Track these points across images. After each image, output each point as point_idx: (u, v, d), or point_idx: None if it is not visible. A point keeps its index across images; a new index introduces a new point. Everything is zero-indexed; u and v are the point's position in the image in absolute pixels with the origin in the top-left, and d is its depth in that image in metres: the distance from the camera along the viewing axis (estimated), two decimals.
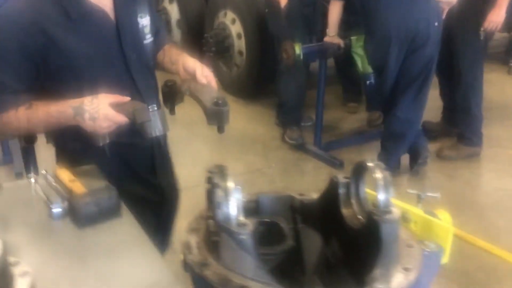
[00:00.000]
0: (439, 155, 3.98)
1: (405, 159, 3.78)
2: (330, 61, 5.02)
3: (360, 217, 1.16)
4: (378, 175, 1.10)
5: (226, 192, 1.00)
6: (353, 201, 1.21)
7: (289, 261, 1.22)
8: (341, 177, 1.25)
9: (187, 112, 1.77)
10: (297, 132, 4.23)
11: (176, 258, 1.11)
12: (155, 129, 1.41)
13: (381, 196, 1.09)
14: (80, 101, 1.38)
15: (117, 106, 1.37)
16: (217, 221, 1.00)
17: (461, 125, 3.98)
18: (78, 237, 1.19)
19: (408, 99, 3.45)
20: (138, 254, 1.13)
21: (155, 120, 1.40)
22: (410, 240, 1.14)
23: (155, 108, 1.44)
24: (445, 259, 1.21)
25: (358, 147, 4.24)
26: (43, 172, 1.46)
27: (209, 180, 1.05)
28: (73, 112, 1.37)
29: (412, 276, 1.01)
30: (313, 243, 1.31)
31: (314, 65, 4.45)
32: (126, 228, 1.20)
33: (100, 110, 1.35)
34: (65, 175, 1.41)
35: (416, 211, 1.26)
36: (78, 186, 1.34)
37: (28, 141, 2.13)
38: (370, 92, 4.38)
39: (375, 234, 1.04)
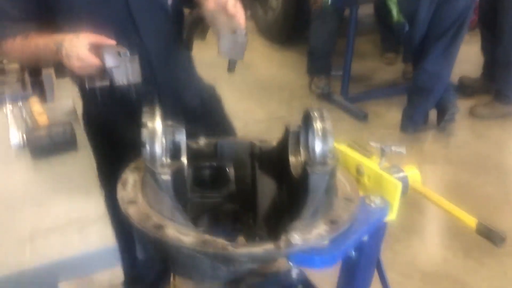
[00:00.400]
0: (472, 113, 3.78)
1: (433, 114, 3.62)
2: (370, 8, 4.81)
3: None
4: (318, 125, 1.06)
5: (152, 132, 1.00)
6: (302, 149, 1.17)
7: (235, 205, 1.22)
8: (294, 125, 1.21)
9: (213, 54, 1.66)
10: (325, 81, 4.12)
11: None
12: (123, 77, 1.29)
13: (317, 147, 1.05)
14: (62, 38, 1.35)
15: (95, 48, 1.31)
16: (143, 160, 1.00)
17: (499, 81, 3.74)
18: (31, 167, 1.23)
19: (438, 51, 3.26)
20: (79, 189, 1.16)
21: (124, 67, 1.29)
22: (352, 194, 1.10)
23: (127, 54, 1.30)
24: (391, 216, 1.16)
25: (388, 100, 4.09)
26: (19, 103, 1.50)
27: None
28: (55, 48, 1.35)
29: (337, 228, 0.99)
30: (268, 190, 1.30)
31: None
32: (78, 163, 1.23)
33: (75, 49, 1.30)
34: (36, 107, 1.45)
35: (370, 164, 1.21)
36: (43, 120, 1.37)
37: (32, 74, 2.21)
38: (406, 42, 4.17)
39: (305, 185, 1.01)
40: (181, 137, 1.15)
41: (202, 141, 1.32)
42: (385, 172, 1.21)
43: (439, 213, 2.80)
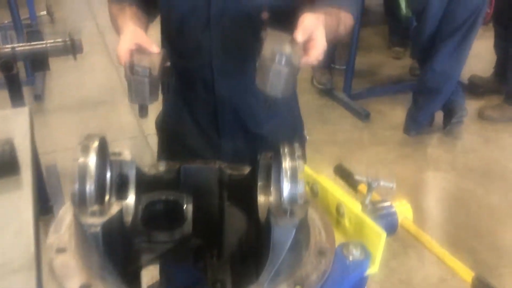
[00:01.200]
0: (481, 115, 3.58)
1: (439, 116, 3.42)
2: None
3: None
4: (287, 164, 0.89)
5: (82, 171, 0.83)
6: (272, 188, 1.00)
7: (198, 239, 1.05)
8: (266, 156, 1.03)
9: None
10: (327, 75, 3.92)
11: None
12: (134, 94, 1.10)
13: (285, 191, 0.87)
14: (126, 27, 1.22)
15: (136, 50, 1.14)
16: (71, 202, 0.83)
17: (511, 81, 3.52)
18: None
19: (447, 49, 3.05)
20: (9, 225, 0.99)
21: (137, 85, 1.09)
22: (326, 245, 0.93)
23: (146, 73, 1.09)
24: (373, 269, 0.99)
25: (392, 97, 3.89)
26: None
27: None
28: (119, 34, 1.23)
29: None
30: (235, 226, 1.13)
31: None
32: (15, 191, 1.07)
33: (121, 42, 1.15)
34: None
35: (352, 205, 1.04)
36: None
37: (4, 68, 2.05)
38: (414, 38, 3.94)
39: (267, 237, 0.84)
40: (130, 170, 0.98)
41: (162, 167, 1.15)
42: (368, 215, 1.04)
43: (439, 229, 2.63)
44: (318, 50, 1.03)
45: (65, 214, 0.96)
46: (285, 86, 1.01)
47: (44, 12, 5.27)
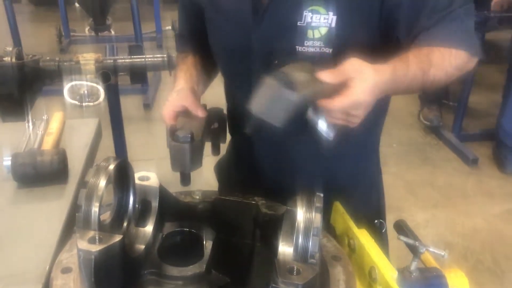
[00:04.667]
0: None
1: None
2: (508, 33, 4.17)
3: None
4: (300, 215, 0.80)
5: (90, 192, 0.81)
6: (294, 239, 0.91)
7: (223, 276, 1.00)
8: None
9: None
10: (435, 112, 3.65)
11: None
12: (174, 161, 1.03)
13: (295, 247, 0.78)
14: (177, 84, 1.20)
15: (181, 113, 1.11)
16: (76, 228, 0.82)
17: None
18: (9, 195, 1.13)
19: None
20: (40, 235, 1.01)
21: (177, 152, 1.02)
22: None
23: (188, 139, 1.02)
24: None
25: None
26: (44, 117, 1.42)
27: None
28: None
29: None
30: (262, 270, 1.05)
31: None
32: (59, 201, 1.09)
33: (168, 102, 1.13)
34: (53, 125, 1.36)
35: (386, 270, 0.91)
36: (48, 142, 1.27)
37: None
38: None
39: None
40: (154, 197, 0.96)
41: (198, 196, 1.12)
42: (407, 285, 0.90)
43: None
44: (346, 100, 0.87)
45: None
46: (285, 115, 0.84)
47: (169, 27, 5.62)
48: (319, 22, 1.05)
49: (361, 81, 0.88)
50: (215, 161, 1.48)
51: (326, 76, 0.88)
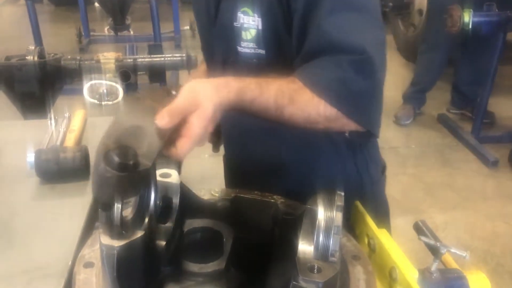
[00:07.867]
0: None
1: None
2: None
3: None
4: (321, 214, 0.80)
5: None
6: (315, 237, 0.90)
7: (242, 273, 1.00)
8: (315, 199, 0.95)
9: None
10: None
11: None
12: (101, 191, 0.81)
13: (315, 245, 0.79)
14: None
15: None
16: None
17: None
18: (33, 191, 1.15)
19: None
20: (62, 229, 1.03)
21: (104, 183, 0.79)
22: None
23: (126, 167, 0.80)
24: None
25: None
26: (66, 114, 1.44)
27: None
28: None
29: None
30: (280, 270, 1.05)
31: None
32: (80, 197, 1.11)
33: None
34: (75, 122, 1.38)
35: (407, 270, 0.90)
36: (70, 139, 1.29)
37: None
38: None
39: None
40: (175, 194, 0.97)
41: (217, 194, 1.12)
42: (428, 286, 0.90)
43: None
44: (189, 141, 0.81)
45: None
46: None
47: (187, 27, 5.65)
48: (249, 24, 1.05)
49: (199, 115, 0.81)
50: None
51: (163, 120, 0.78)
